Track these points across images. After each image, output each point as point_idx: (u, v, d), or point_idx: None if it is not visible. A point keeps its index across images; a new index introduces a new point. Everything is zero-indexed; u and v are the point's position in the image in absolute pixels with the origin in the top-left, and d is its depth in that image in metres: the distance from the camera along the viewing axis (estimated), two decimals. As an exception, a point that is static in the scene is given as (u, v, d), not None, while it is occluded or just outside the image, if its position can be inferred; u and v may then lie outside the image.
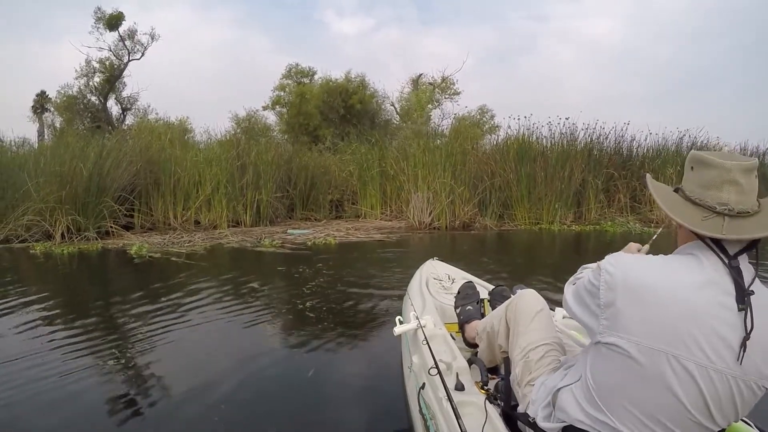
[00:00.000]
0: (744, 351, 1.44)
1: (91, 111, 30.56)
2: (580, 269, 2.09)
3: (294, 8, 64.85)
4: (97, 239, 11.45)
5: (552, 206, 14.87)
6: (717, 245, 1.57)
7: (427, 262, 4.93)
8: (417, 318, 2.98)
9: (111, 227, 12.06)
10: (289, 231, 13.22)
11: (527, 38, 62.04)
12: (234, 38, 57.41)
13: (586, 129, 16.17)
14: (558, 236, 13.37)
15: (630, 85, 58.32)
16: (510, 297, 2.91)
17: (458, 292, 3.49)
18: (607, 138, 16.59)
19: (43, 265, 9.31)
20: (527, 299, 2.43)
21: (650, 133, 17.28)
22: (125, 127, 26.13)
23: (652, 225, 14.66)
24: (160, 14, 56.84)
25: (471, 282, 3.71)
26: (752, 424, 1.94)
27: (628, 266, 1.61)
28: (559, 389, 1.85)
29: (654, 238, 2.36)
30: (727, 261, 1.53)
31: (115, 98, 32.02)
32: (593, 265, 1.83)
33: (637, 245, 2.12)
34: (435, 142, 15.80)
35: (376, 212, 16.21)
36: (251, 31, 62.87)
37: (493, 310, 3.07)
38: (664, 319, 1.50)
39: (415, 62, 70.99)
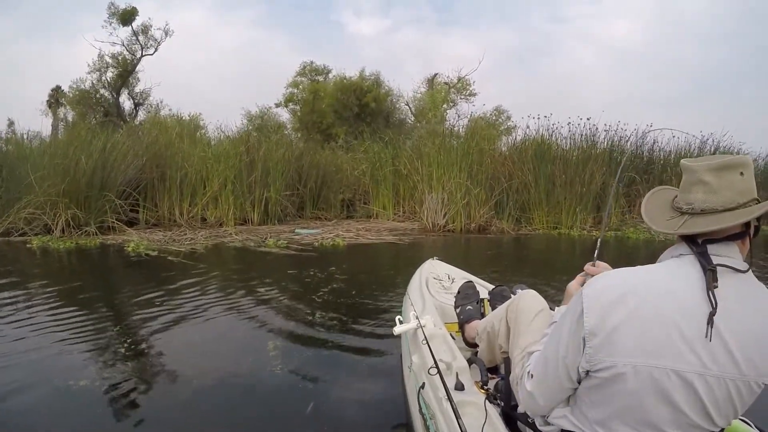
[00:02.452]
0: (711, 327, 1.42)
1: (103, 106, 30.35)
2: (528, 359, 1.97)
3: (312, 9, 64.57)
4: (97, 234, 11.09)
5: (572, 210, 14.40)
6: (690, 240, 1.57)
7: (427, 261, 4.89)
8: (417, 318, 2.97)
9: (113, 222, 11.70)
10: (296, 230, 12.82)
11: (546, 40, 61.16)
12: (252, 38, 57.14)
13: (607, 130, 15.73)
14: (578, 242, 12.89)
15: (652, 87, 57.49)
16: (510, 297, 2.99)
17: (458, 292, 3.45)
18: (628, 140, 16.12)
19: (37, 260, 9.00)
20: (528, 299, 2.39)
21: (673, 136, 16.68)
22: (137, 123, 25.78)
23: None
24: (178, 12, 56.39)
25: (471, 282, 3.67)
26: (752, 424, 1.93)
27: (610, 283, 1.58)
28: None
29: (597, 249, 2.28)
30: (694, 249, 1.53)
31: (128, 93, 31.80)
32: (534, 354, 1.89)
33: (577, 282, 2.15)
34: (451, 143, 15.33)
35: (388, 212, 15.83)
36: (269, 32, 62.53)
37: (493, 310, 3.06)
38: (657, 332, 1.46)
39: (432, 63, 70.64)
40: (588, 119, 15.44)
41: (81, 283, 7.34)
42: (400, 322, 3.03)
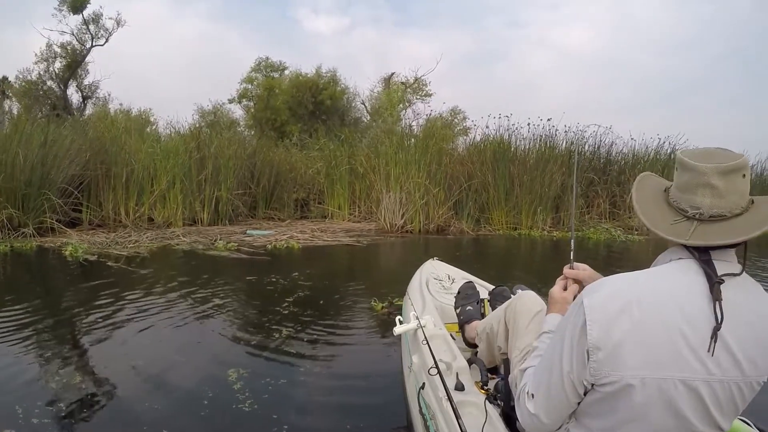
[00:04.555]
0: (715, 342, 1.38)
1: (50, 98, 29.20)
2: (521, 381, 1.83)
3: (270, 5, 63.50)
4: (35, 236, 10.39)
5: (532, 210, 14.41)
6: (692, 246, 1.50)
7: (427, 262, 4.86)
8: (417, 318, 2.96)
9: (52, 223, 10.97)
10: (248, 231, 12.40)
11: (504, 44, 61.70)
12: (207, 31, 55.60)
13: (567, 131, 15.85)
14: (539, 243, 12.85)
15: (610, 93, 58.32)
16: (510, 297, 2.97)
17: (458, 292, 3.44)
18: (586, 142, 16.36)
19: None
20: (526, 300, 2.39)
21: (632, 139, 17.03)
22: (85, 117, 24.87)
23: (635, 232, 14.40)
24: (131, 2, 54.97)
25: (471, 282, 3.65)
26: (752, 424, 1.92)
27: (612, 292, 1.51)
28: None
29: (572, 250, 2.22)
30: (697, 255, 1.49)
31: (76, 86, 30.64)
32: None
33: (559, 287, 2.06)
34: (409, 141, 15.15)
35: (343, 213, 15.53)
36: (225, 25, 61.01)
37: (493, 310, 3.06)
38: (663, 343, 1.41)
39: (389, 63, 70.34)
40: (549, 120, 15.53)
41: (6, 292, 6.65)
42: (400, 323, 3.02)
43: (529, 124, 15.41)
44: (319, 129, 19.70)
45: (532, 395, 1.69)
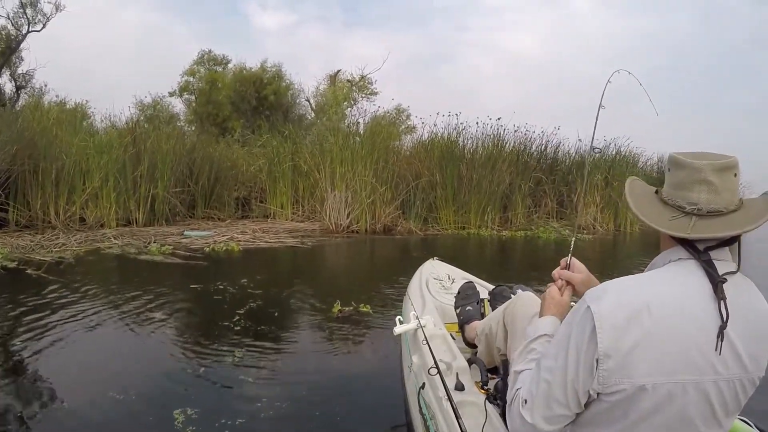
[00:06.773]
0: (721, 341, 1.39)
1: (-19, 86, 27.89)
2: (515, 384, 1.74)
3: (217, -3, 62.53)
4: (-44, 238, 9.57)
5: (482, 209, 14.46)
6: (689, 244, 1.51)
7: (427, 262, 4.89)
8: (417, 318, 2.97)
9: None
10: (186, 232, 11.86)
11: (449, 47, 63.44)
12: (151, 22, 54.45)
13: (516, 131, 15.96)
14: (489, 242, 12.83)
15: (549, 99, 59.70)
16: (510, 297, 2.99)
17: (458, 292, 3.44)
18: (533, 143, 16.55)
19: None
20: (524, 302, 2.40)
21: (579, 140, 17.33)
22: (17, 108, 23.75)
23: (584, 231, 14.80)
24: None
25: (471, 282, 3.65)
26: (752, 424, 1.90)
27: (621, 300, 1.46)
28: None
29: (572, 245, 2.13)
30: (697, 255, 1.49)
31: (10, 74, 29.31)
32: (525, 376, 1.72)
33: (559, 284, 1.98)
34: (355, 139, 14.84)
35: (286, 212, 15.23)
36: (170, 16, 59.94)
37: (493, 310, 3.06)
38: (674, 349, 1.40)
39: (335, 63, 70.70)
40: (499, 119, 15.57)
41: None
42: (401, 323, 3.03)
43: (477, 123, 15.48)
44: (262, 125, 19.23)
45: (525, 401, 1.63)
